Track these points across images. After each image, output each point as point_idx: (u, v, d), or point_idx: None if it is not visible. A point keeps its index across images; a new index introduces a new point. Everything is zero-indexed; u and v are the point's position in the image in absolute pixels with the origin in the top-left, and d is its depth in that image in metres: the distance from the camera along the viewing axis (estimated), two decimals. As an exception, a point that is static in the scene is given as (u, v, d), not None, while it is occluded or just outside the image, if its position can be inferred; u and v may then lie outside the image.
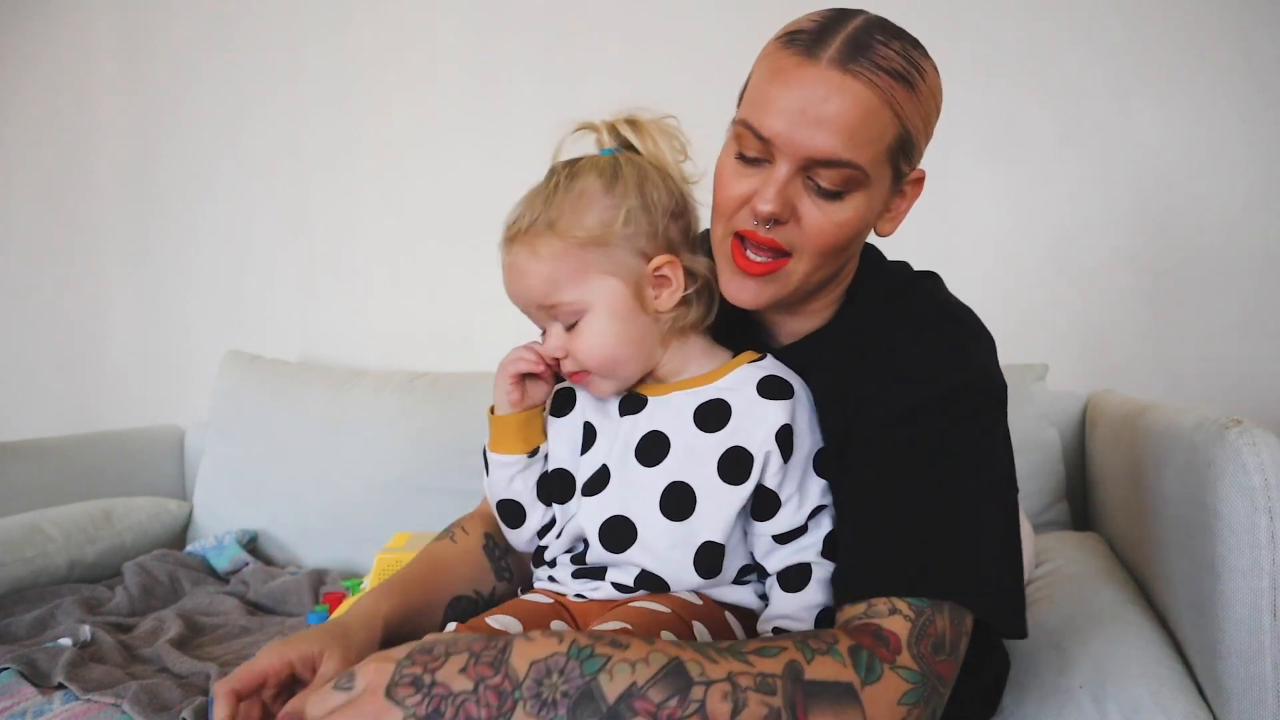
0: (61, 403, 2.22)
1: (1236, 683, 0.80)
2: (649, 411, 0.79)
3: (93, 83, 2.19)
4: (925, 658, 0.65)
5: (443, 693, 0.59)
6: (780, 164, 0.72)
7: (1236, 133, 1.61)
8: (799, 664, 0.61)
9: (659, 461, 0.77)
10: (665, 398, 0.79)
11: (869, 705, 0.61)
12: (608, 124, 0.81)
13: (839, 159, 0.70)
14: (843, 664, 0.62)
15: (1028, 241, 1.72)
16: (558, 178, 0.77)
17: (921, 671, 0.64)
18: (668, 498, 0.75)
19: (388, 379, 1.79)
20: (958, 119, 1.73)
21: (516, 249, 0.76)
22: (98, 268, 2.20)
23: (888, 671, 0.63)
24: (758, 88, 0.73)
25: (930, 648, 0.65)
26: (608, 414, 0.81)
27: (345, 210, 2.06)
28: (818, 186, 0.72)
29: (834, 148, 0.69)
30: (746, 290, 0.77)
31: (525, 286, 0.76)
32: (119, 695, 1.00)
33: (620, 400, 0.81)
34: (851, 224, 0.74)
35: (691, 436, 0.76)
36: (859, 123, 0.69)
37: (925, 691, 0.64)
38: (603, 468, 0.79)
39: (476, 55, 1.97)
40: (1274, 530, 0.77)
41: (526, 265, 0.75)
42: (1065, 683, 0.88)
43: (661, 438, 0.77)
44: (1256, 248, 1.61)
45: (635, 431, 0.78)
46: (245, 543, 1.69)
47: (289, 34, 2.07)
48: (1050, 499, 1.51)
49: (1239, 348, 1.62)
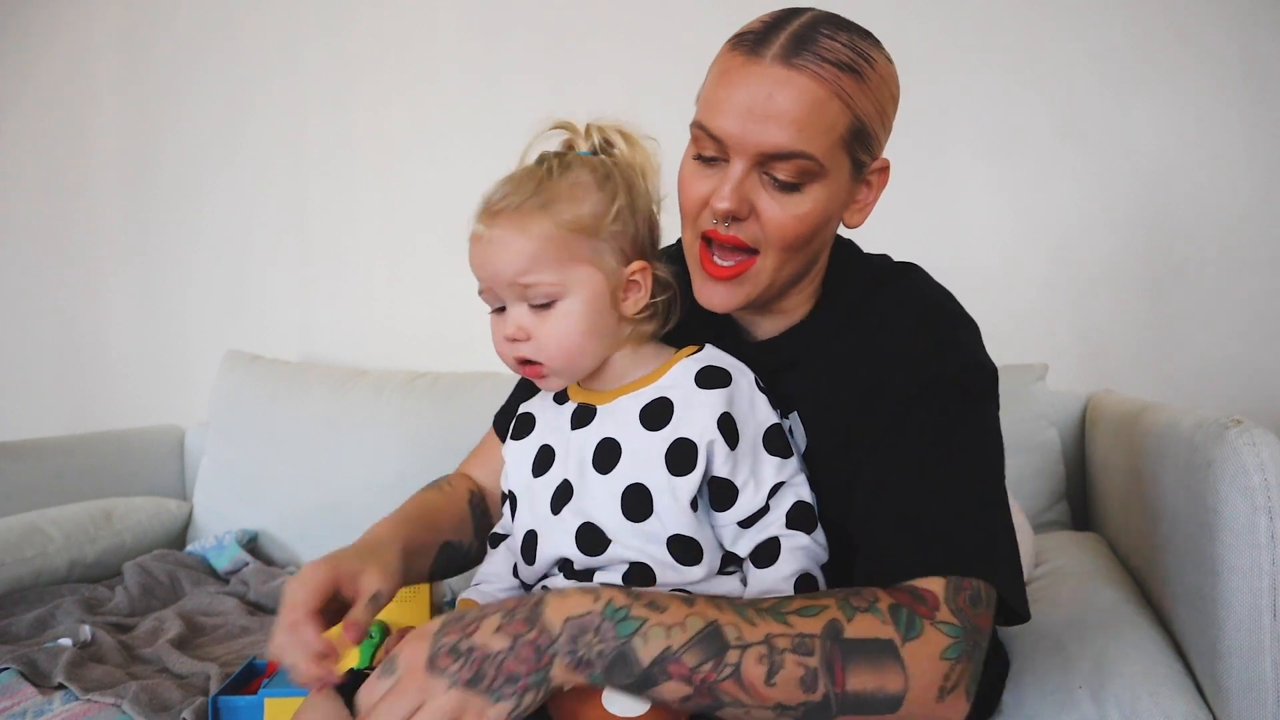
0: (61, 403, 2.22)
1: (1236, 683, 0.80)
2: (599, 421, 0.79)
3: (92, 82, 2.19)
4: (964, 611, 0.65)
5: (481, 655, 0.60)
6: (735, 162, 0.73)
7: (1236, 133, 1.61)
8: (839, 622, 0.62)
9: (613, 467, 0.77)
10: (611, 405, 0.79)
11: (910, 662, 0.62)
12: (595, 126, 0.82)
13: (791, 151, 0.71)
14: (883, 621, 0.63)
15: (1027, 241, 1.72)
16: (549, 164, 0.78)
17: (962, 625, 0.65)
18: (626, 500, 0.75)
19: (388, 379, 1.79)
20: (958, 119, 1.74)
21: (502, 224, 0.75)
22: (97, 268, 2.20)
23: (928, 627, 0.64)
24: (709, 90, 0.75)
25: (968, 600, 0.66)
26: (561, 430, 0.82)
27: (345, 210, 2.06)
28: (774, 180, 0.73)
29: (784, 141, 0.70)
30: (718, 295, 0.78)
31: (504, 261, 0.75)
32: (119, 695, 1.00)
33: (571, 415, 0.82)
34: (812, 216, 0.74)
35: (639, 437, 0.77)
36: (807, 114, 0.70)
37: (967, 645, 0.64)
38: (564, 483, 0.79)
39: (476, 55, 1.96)
40: (1274, 530, 0.77)
41: (512, 241, 0.75)
42: (1065, 682, 0.88)
43: (613, 444, 0.77)
44: (1257, 248, 1.61)
45: (588, 442, 0.79)
46: (245, 543, 1.69)
47: (289, 33, 2.07)
48: (1050, 499, 1.50)
49: (1239, 348, 1.62)
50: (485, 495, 0.95)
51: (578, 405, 0.82)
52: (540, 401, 0.88)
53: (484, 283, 0.78)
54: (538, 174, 0.78)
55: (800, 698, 0.61)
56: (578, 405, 0.82)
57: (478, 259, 0.77)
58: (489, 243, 0.76)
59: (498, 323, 0.79)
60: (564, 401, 0.84)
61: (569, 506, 0.78)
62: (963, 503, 0.71)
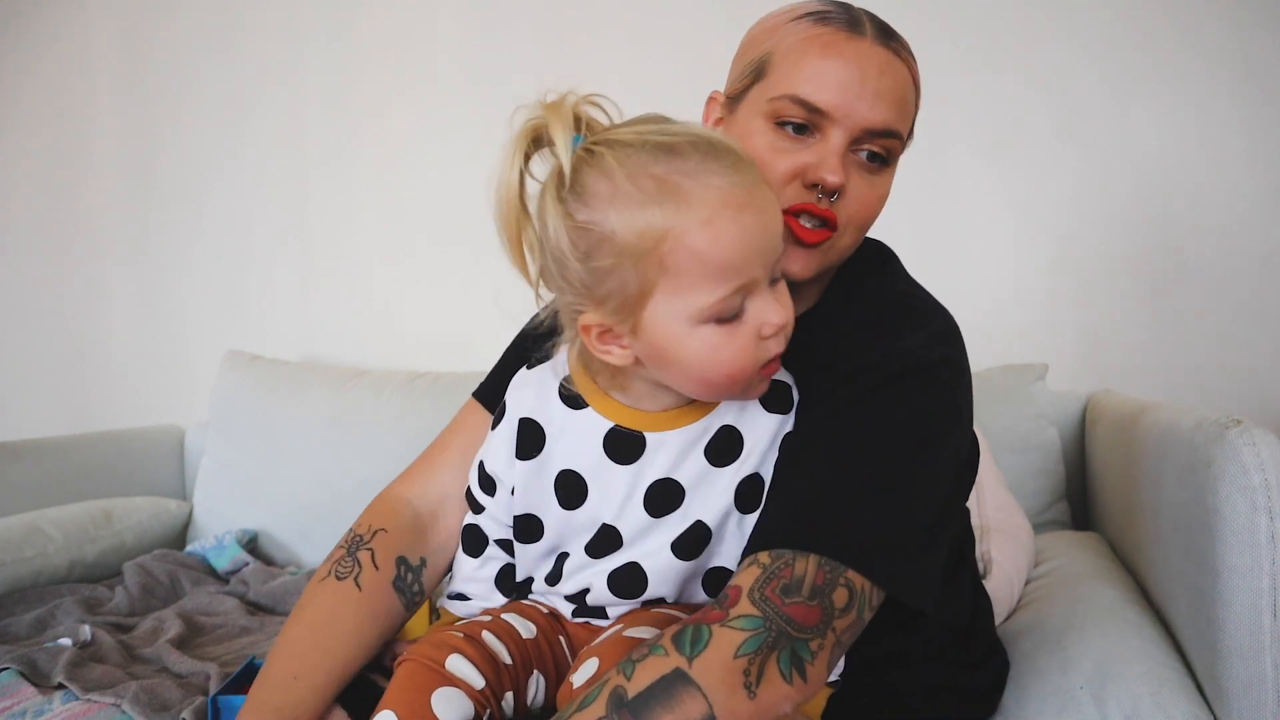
0: (61, 403, 2.22)
1: (1236, 683, 0.80)
2: (650, 456, 0.70)
3: (93, 82, 2.18)
4: (770, 600, 0.60)
5: None
6: (834, 135, 0.70)
7: (1236, 133, 1.61)
8: (620, 688, 0.58)
9: (673, 509, 0.70)
10: (664, 436, 0.70)
11: (700, 677, 0.57)
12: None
13: (891, 129, 0.71)
14: (665, 654, 0.58)
15: (1027, 241, 1.72)
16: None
17: (763, 615, 0.59)
18: (682, 541, 0.70)
19: (388, 379, 1.79)
20: (958, 118, 1.74)
21: (756, 174, 0.63)
22: (98, 267, 2.20)
23: (717, 630, 0.59)
24: (798, 62, 0.71)
25: (780, 590, 0.60)
26: (596, 461, 0.71)
27: (345, 210, 2.06)
28: (868, 156, 0.72)
29: (890, 118, 0.71)
30: (800, 260, 0.72)
31: (777, 219, 0.64)
32: (119, 695, 1.00)
33: (605, 439, 0.70)
34: (885, 197, 0.75)
35: (706, 476, 0.70)
36: (905, 96, 0.72)
37: (770, 636, 0.59)
38: (605, 528, 0.71)
39: (476, 55, 1.96)
40: (1274, 530, 0.77)
41: (770, 195, 0.64)
42: (1066, 683, 0.88)
43: (673, 487, 0.70)
44: (1256, 248, 1.61)
45: (639, 483, 0.70)
46: (245, 543, 1.69)
47: (289, 33, 2.07)
48: (1050, 499, 1.51)
49: (1239, 348, 1.62)
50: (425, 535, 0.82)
51: (615, 428, 0.70)
52: (542, 404, 0.73)
53: (768, 250, 0.63)
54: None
55: None
56: (615, 428, 0.70)
57: (755, 220, 0.62)
58: (764, 194, 0.63)
59: (746, 328, 0.64)
60: (580, 406, 0.71)
61: (617, 553, 0.72)
62: (835, 482, 0.66)
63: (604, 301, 0.63)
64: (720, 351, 0.63)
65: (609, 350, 0.66)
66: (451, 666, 0.66)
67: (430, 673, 0.66)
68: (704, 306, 0.61)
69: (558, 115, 0.64)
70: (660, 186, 0.60)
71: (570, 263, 0.62)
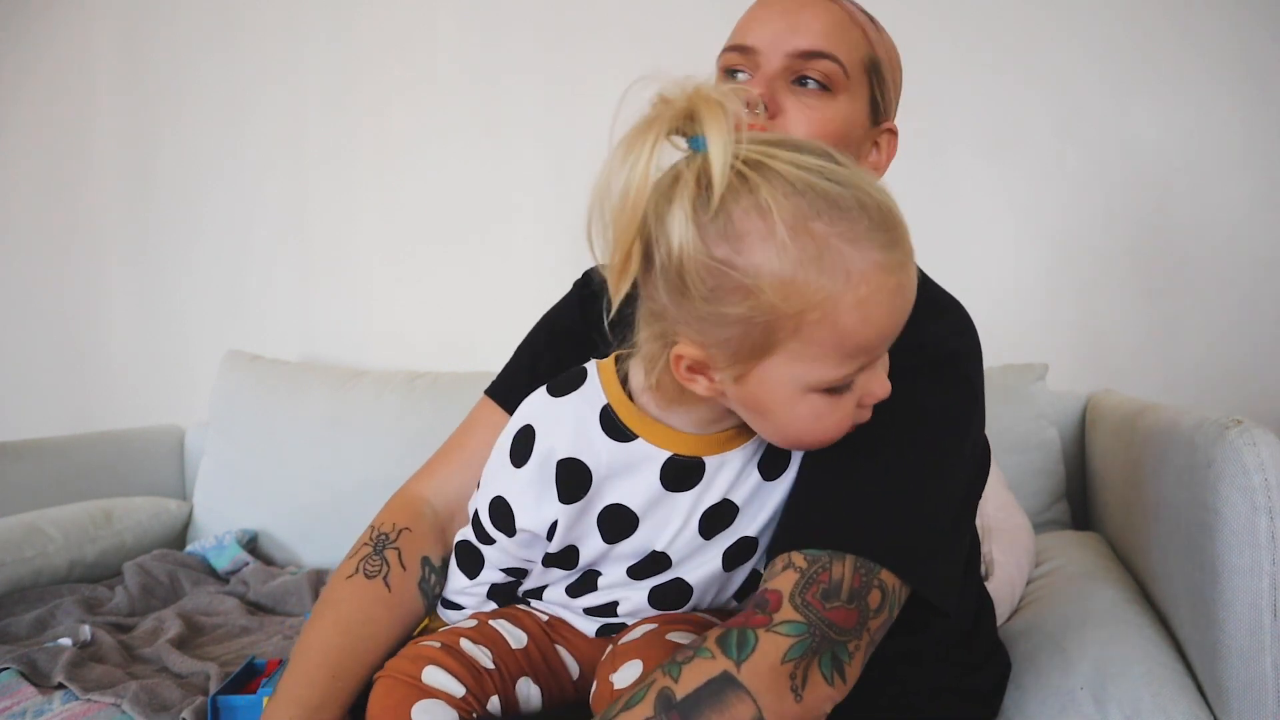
0: (61, 403, 2.22)
1: (1236, 683, 0.79)
2: (708, 480, 0.67)
3: (93, 82, 2.18)
4: (812, 605, 0.60)
5: None
6: (764, 65, 0.75)
7: (1236, 133, 1.61)
8: (668, 690, 0.57)
9: (725, 528, 0.69)
10: (724, 457, 0.67)
11: (750, 681, 0.57)
12: None
13: (821, 50, 0.74)
14: (711, 658, 0.58)
15: (1027, 241, 1.72)
16: None
17: (806, 621, 0.59)
18: (730, 554, 0.70)
19: (388, 379, 1.79)
20: (958, 118, 1.74)
21: (909, 248, 0.57)
22: (98, 267, 2.20)
23: (763, 635, 0.59)
24: (740, 21, 0.79)
25: (820, 595, 0.60)
26: (653, 494, 0.67)
27: (345, 210, 2.06)
28: (804, 80, 0.75)
29: (816, 42, 0.74)
30: None
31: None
32: (119, 695, 1.00)
33: (665, 475, 0.66)
34: (834, 126, 0.75)
35: (758, 490, 0.69)
36: (834, 27, 0.75)
37: (814, 641, 0.59)
38: (653, 555, 0.69)
39: (476, 54, 1.96)
40: (1274, 530, 0.77)
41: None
42: (1066, 683, 0.88)
43: (728, 506, 0.68)
44: (1256, 248, 1.61)
45: (697, 508, 0.68)
46: (245, 543, 1.69)
47: (289, 33, 2.07)
48: (1050, 499, 1.51)
49: (1239, 348, 1.62)
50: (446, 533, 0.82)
51: (674, 458, 0.66)
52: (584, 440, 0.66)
53: (898, 330, 0.59)
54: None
55: None
56: (674, 458, 0.66)
57: (903, 303, 0.58)
58: (912, 273, 0.58)
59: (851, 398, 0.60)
60: (627, 438, 0.66)
61: (660, 575, 0.71)
62: (860, 477, 0.65)
63: (713, 344, 0.58)
64: (823, 419, 0.61)
65: (694, 380, 0.61)
66: (428, 679, 0.65)
67: (407, 687, 0.65)
68: (824, 380, 0.58)
69: (717, 113, 0.54)
70: (822, 250, 0.53)
71: (691, 295, 0.56)
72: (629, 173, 0.55)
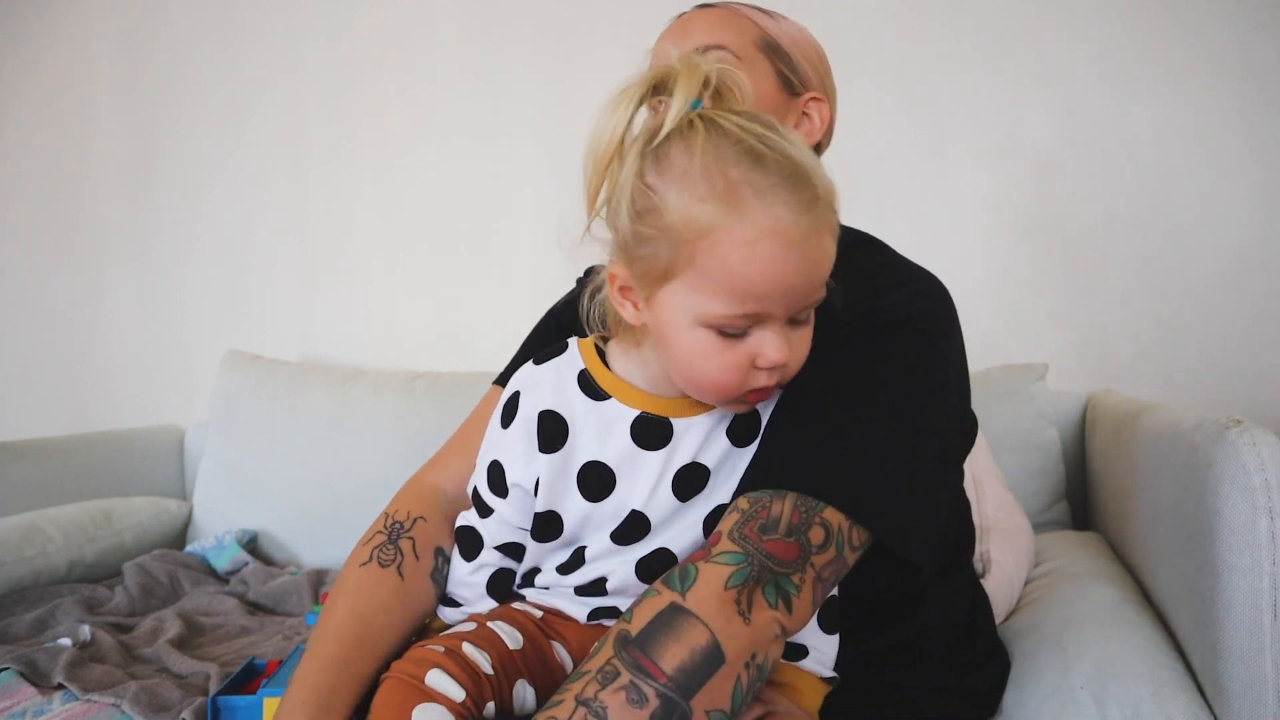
0: (61, 403, 2.22)
1: (1236, 683, 0.80)
2: (678, 441, 0.71)
3: (93, 82, 2.18)
4: (749, 538, 0.63)
5: None
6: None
7: (1237, 133, 1.61)
8: (624, 630, 0.61)
9: (698, 492, 0.72)
10: (692, 421, 0.71)
11: (696, 607, 0.60)
12: None
13: (709, 44, 0.84)
14: (658, 595, 0.62)
15: (1027, 241, 1.72)
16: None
17: (744, 551, 0.63)
18: (710, 521, 0.72)
19: (388, 379, 1.79)
20: (958, 119, 1.74)
21: (824, 221, 0.62)
22: (98, 267, 2.20)
23: (703, 566, 0.62)
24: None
25: (758, 529, 0.64)
26: (625, 450, 0.71)
27: (345, 210, 2.06)
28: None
29: (703, 38, 0.85)
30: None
31: (821, 268, 0.63)
32: (119, 695, 1.00)
33: (633, 426, 0.71)
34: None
35: (729, 455, 0.72)
36: (718, 23, 0.86)
37: (753, 570, 0.62)
38: (633, 516, 0.72)
39: (476, 55, 1.97)
40: (1274, 530, 0.77)
41: (828, 245, 0.63)
42: (1066, 683, 0.88)
43: (700, 470, 0.71)
44: (1256, 248, 1.61)
45: (669, 468, 0.71)
46: (245, 543, 1.69)
47: (288, 33, 2.07)
48: (1050, 499, 1.51)
49: (1239, 348, 1.62)
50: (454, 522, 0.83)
51: (642, 415, 0.71)
52: (561, 396, 0.73)
53: (796, 293, 0.63)
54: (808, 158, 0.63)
55: (641, 716, 0.57)
56: (642, 415, 0.71)
57: (799, 261, 0.61)
58: (817, 235, 0.61)
59: (743, 349, 0.64)
60: (602, 398, 0.72)
61: (645, 539, 0.72)
62: (818, 424, 0.68)
63: (634, 263, 0.65)
64: (709, 360, 0.64)
65: (624, 305, 0.68)
66: (431, 682, 0.66)
67: (410, 689, 0.66)
68: (710, 314, 0.62)
69: (690, 74, 0.64)
70: (728, 189, 0.60)
71: (623, 213, 0.64)
72: (608, 120, 0.65)
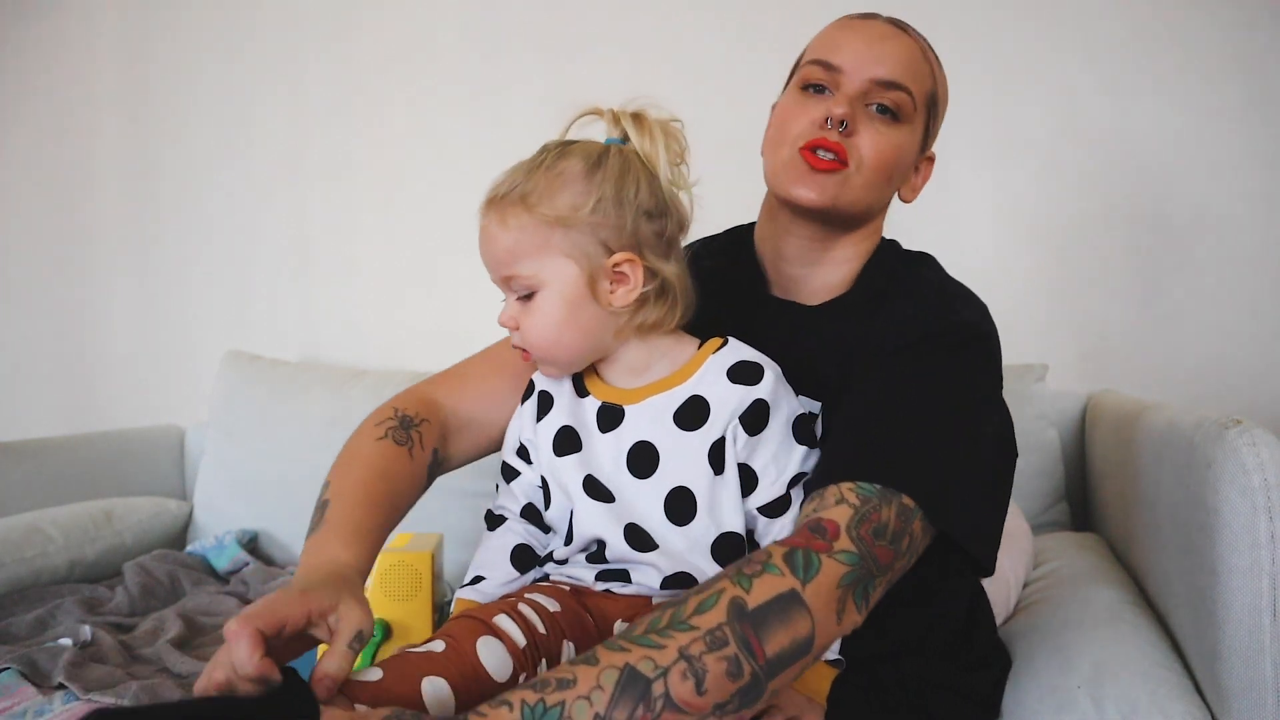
0: (61, 403, 2.22)
1: (1236, 683, 0.80)
2: (629, 422, 0.79)
3: (95, 88, 2.18)
4: (864, 540, 0.67)
5: None
6: (845, 85, 0.82)
7: (1236, 133, 1.61)
8: (740, 599, 0.62)
9: (652, 471, 0.77)
10: (640, 405, 0.79)
11: (811, 600, 0.63)
12: (613, 112, 0.82)
13: (896, 81, 0.82)
14: (780, 575, 0.63)
15: (1027, 241, 1.72)
16: (546, 155, 0.78)
17: (860, 553, 0.66)
18: (670, 505, 0.77)
19: (388, 379, 1.79)
20: (956, 118, 1.73)
21: (490, 214, 0.77)
22: (98, 269, 2.20)
23: (825, 560, 0.65)
24: (823, 38, 0.87)
25: (871, 532, 0.68)
26: (585, 425, 0.81)
27: (345, 210, 2.06)
28: (878, 107, 0.82)
29: (894, 73, 0.82)
30: (815, 186, 0.81)
31: (489, 252, 0.77)
32: (119, 695, 1.00)
33: (596, 414, 0.81)
34: (898, 152, 0.83)
35: (676, 439, 0.77)
36: (910, 60, 0.83)
37: (861, 572, 0.66)
38: (592, 480, 0.79)
39: (477, 63, 1.97)
40: (1274, 530, 0.77)
41: (495, 232, 0.76)
42: (1064, 682, 0.88)
43: (649, 448, 0.78)
44: (1256, 248, 1.61)
45: (620, 445, 0.79)
46: (245, 543, 1.69)
47: (291, 39, 2.08)
48: (1050, 499, 1.50)
49: (1239, 348, 1.62)
50: (448, 440, 0.91)
51: (602, 404, 0.81)
52: (555, 384, 0.85)
53: (492, 272, 0.79)
54: (529, 165, 0.78)
55: (731, 689, 0.60)
56: (602, 404, 0.81)
57: (480, 249, 0.79)
58: (482, 232, 0.78)
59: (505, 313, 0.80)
60: (584, 395, 0.82)
61: (611, 510, 0.78)
62: (915, 428, 0.74)
63: None
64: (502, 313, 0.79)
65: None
66: (498, 623, 0.72)
67: (478, 624, 0.71)
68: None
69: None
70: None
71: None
72: None
